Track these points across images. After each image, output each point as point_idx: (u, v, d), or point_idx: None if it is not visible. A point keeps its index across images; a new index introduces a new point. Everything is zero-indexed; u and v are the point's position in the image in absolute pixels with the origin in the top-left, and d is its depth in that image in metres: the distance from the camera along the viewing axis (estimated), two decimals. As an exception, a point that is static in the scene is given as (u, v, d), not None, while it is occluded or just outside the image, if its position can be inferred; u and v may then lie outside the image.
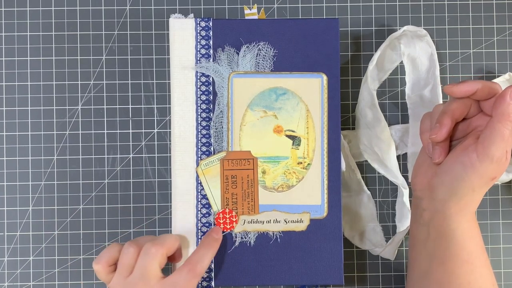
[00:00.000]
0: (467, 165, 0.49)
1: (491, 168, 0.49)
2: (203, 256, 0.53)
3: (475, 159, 0.49)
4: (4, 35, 0.62)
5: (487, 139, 0.48)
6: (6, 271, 0.61)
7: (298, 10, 0.62)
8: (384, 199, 0.62)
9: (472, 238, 0.51)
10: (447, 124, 0.51)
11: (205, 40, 0.57)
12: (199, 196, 0.57)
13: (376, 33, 0.63)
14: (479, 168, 0.49)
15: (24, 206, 0.61)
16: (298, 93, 0.57)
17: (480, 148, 0.49)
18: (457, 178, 0.50)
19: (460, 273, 0.51)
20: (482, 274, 0.51)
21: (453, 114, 0.51)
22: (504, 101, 0.48)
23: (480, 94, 0.50)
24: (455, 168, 0.50)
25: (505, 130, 0.48)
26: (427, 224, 0.52)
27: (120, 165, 0.61)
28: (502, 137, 0.48)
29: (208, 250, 0.54)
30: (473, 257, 0.51)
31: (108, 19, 0.62)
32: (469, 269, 0.51)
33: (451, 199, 0.51)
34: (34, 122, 0.61)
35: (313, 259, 0.57)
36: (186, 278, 0.51)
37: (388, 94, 0.63)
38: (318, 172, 0.57)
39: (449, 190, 0.50)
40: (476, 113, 0.52)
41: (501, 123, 0.48)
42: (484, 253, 0.52)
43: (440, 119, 0.51)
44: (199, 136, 0.57)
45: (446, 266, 0.51)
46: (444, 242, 0.51)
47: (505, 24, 0.63)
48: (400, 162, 0.62)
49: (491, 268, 0.52)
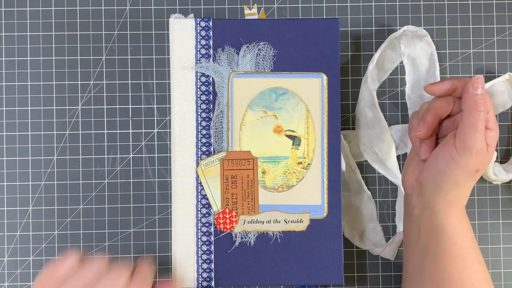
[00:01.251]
0: (449, 160, 0.50)
1: (472, 160, 0.49)
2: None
3: (454, 153, 0.50)
4: (4, 35, 0.62)
5: (462, 133, 0.49)
6: (6, 271, 0.61)
7: (298, 10, 0.62)
8: (384, 199, 0.62)
9: (462, 233, 0.52)
10: (430, 122, 0.52)
11: (205, 40, 0.57)
12: (199, 196, 0.57)
13: (376, 33, 0.63)
14: (459, 161, 0.50)
15: (24, 206, 0.61)
16: (298, 93, 0.57)
17: (457, 142, 0.50)
18: (441, 173, 0.51)
19: (452, 269, 0.51)
20: (475, 271, 0.51)
21: (436, 111, 0.53)
22: (468, 92, 0.50)
23: (460, 91, 0.51)
24: (438, 163, 0.51)
25: (477, 121, 0.49)
26: (417, 220, 0.53)
27: (120, 165, 0.61)
28: (475, 128, 0.49)
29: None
30: (464, 253, 0.51)
31: (108, 19, 0.62)
32: (461, 265, 0.51)
33: (438, 194, 0.51)
34: (34, 122, 0.61)
35: (313, 259, 0.57)
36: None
37: (388, 94, 0.63)
38: (318, 172, 0.57)
39: (435, 185, 0.51)
40: (460, 110, 0.52)
41: (471, 114, 0.49)
42: (476, 249, 0.52)
43: (424, 117, 0.53)
44: (199, 136, 0.57)
45: (438, 262, 0.52)
46: (434, 238, 0.52)
47: (505, 24, 0.63)
48: (400, 162, 0.62)
49: (484, 264, 0.53)
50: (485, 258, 0.61)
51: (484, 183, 0.62)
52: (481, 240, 0.62)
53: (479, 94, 0.49)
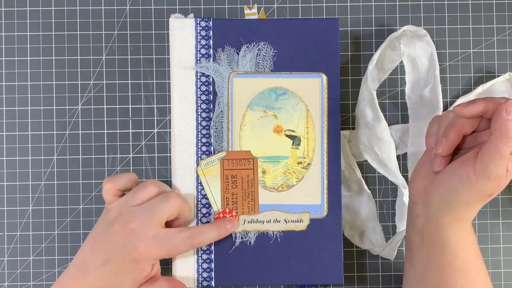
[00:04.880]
0: (464, 180, 0.47)
1: (488, 185, 0.47)
2: (208, 232, 0.54)
3: (472, 175, 0.47)
4: (4, 35, 0.62)
5: (486, 156, 0.46)
6: (6, 271, 0.61)
7: (298, 10, 0.62)
8: (384, 199, 0.63)
9: (466, 246, 0.50)
10: (454, 140, 0.49)
11: (205, 40, 0.57)
12: (199, 196, 0.57)
13: (376, 33, 0.63)
14: (475, 184, 0.47)
15: (24, 206, 0.61)
16: (298, 93, 0.57)
17: (478, 164, 0.47)
18: (452, 190, 0.48)
19: (454, 280, 0.50)
20: (477, 282, 0.50)
21: (461, 128, 0.49)
22: (501, 117, 0.46)
23: (491, 113, 0.48)
24: (452, 180, 0.48)
25: (504, 147, 0.45)
26: (420, 230, 0.51)
27: (120, 165, 0.61)
28: (500, 154, 0.46)
29: (215, 232, 0.54)
30: (467, 266, 0.50)
31: (108, 19, 0.62)
32: (464, 277, 0.50)
33: (445, 209, 0.49)
34: (34, 122, 0.61)
35: (313, 259, 0.57)
36: (183, 242, 0.52)
37: (388, 94, 0.63)
38: (318, 172, 0.57)
39: (443, 200, 0.49)
40: (486, 128, 0.50)
41: (499, 140, 0.46)
42: (480, 260, 0.51)
43: (447, 133, 0.49)
44: (199, 136, 0.57)
45: (440, 273, 0.50)
46: (437, 250, 0.50)
47: (505, 24, 0.63)
48: (400, 162, 0.62)
49: (487, 275, 0.51)
50: (485, 258, 0.61)
51: (484, 183, 0.62)
52: (481, 240, 0.62)
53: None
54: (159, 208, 0.51)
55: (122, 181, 0.53)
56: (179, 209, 0.53)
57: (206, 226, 0.55)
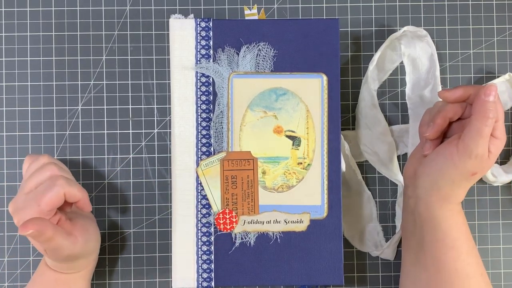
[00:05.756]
0: (448, 158, 0.51)
1: (470, 163, 0.51)
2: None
3: (455, 154, 0.51)
4: (4, 35, 0.62)
5: (467, 136, 0.50)
6: (6, 271, 0.61)
7: (298, 10, 0.62)
8: (384, 199, 0.63)
9: (456, 225, 0.53)
10: (440, 124, 0.53)
11: (205, 40, 0.57)
12: (199, 196, 0.57)
13: (376, 33, 0.63)
14: (457, 162, 0.51)
15: (24, 206, 0.61)
16: (298, 93, 0.57)
17: (460, 144, 0.51)
18: (438, 169, 0.52)
19: (446, 259, 0.52)
20: (469, 262, 0.53)
21: (447, 114, 0.53)
22: (480, 99, 0.50)
23: (473, 98, 0.52)
24: (437, 160, 0.52)
25: (483, 127, 0.50)
26: (412, 211, 0.55)
27: (120, 165, 0.61)
28: (480, 133, 0.50)
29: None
30: (458, 244, 0.53)
31: (108, 19, 0.62)
32: (455, 255, 0.52)
33: (432, 188, 0.53)
34: (34, 122, 0.61)
35: (313, 259, 0.57)
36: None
37: (388, 95, 0.63)
38: (318, 173, 0.57)
39: (430, 179, 0.53)
40: (471, 114, 0.53)
41: (479, 120, 0.50)
42: (471, 242, 0.54)
43: (434, 118, 0.54)
44: (199, 137, 0.57)
45: (432, 253, 0.53)
46: (428, 228, 0.53)
47: (505, 24, 0.63)
48: (400, 162, 0.62)
49: (479, 258, 0.54)
50: (485, 258, 0.61)
51: (484, 184, 0.62)
52: (481, 241, 0.62)
53: (490, 101, 0.50)
54: (43, 200, 0.50)
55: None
56: (70, 194, 0.51)
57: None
